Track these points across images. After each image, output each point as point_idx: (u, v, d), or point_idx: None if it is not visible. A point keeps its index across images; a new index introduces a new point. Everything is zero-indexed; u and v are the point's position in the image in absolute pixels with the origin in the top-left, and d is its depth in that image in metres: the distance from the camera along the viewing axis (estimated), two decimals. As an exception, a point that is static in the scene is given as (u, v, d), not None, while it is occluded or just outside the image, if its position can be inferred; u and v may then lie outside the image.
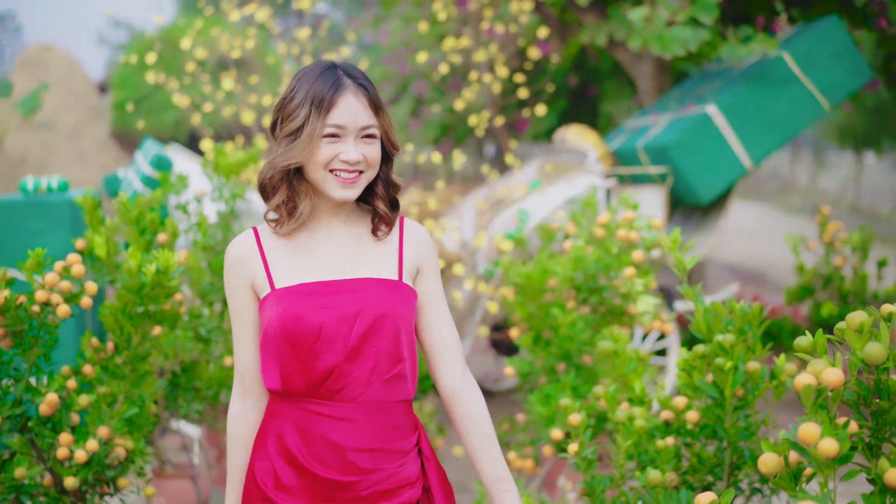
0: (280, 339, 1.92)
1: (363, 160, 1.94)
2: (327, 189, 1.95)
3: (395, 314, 1.94)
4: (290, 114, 1.94)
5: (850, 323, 1.61)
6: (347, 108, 1.92)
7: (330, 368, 1.91)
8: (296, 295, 1.94)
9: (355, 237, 2.03)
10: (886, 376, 1.59)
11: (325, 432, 1.93)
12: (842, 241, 5.67)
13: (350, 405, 1.92)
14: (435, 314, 2.08)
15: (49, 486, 2.80)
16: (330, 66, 1.97)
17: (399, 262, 2.03)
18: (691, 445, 2.65)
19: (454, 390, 2.05)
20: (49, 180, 5.09)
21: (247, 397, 2.06)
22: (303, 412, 1.95)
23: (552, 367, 3.65)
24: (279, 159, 1.95)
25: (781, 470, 1.55)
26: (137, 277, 2.87)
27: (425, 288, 2.07)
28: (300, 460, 1.94)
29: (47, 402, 2.67)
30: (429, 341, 2.08)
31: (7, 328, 2.72)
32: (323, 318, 1.91)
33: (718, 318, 2.67)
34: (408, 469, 2.00)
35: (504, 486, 2.03)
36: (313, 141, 1.91)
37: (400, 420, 1.99)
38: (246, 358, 2.05)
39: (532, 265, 3.86)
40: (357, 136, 1.94)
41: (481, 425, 2.04)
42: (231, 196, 4.45)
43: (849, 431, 1.52)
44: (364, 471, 1.94)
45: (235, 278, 2.02)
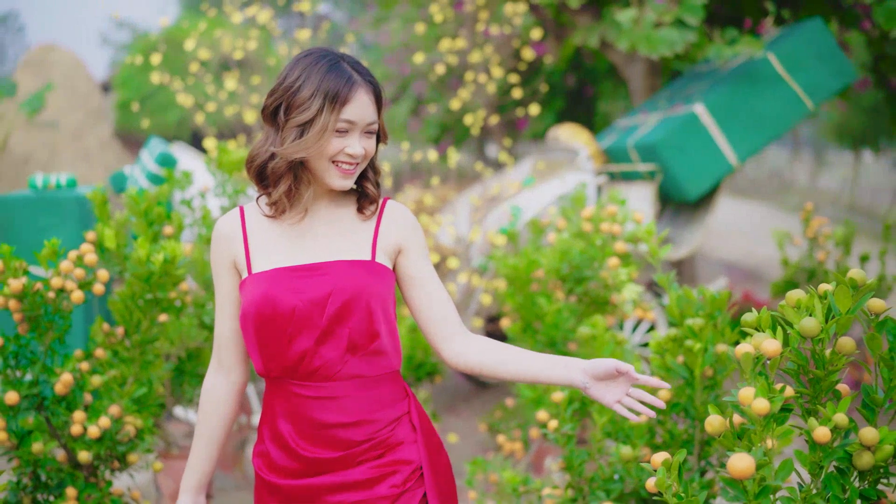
0: (256, 322, 1.96)
1: (364, 154, 1.99)
2: (328, 178, 1.98)
3: (368, 293, 1.95)
4: (301, 105, 1.94)
5: (790, 300, 1.79)
6: (359, 104, 1.95)
7: (303, 351, 1.94)
8: (269, 280, 1.97)
9: (338, 219, 2.06)
10: (821, 347, 1.77)
11: (309, 412, 1.97)
12: (825, 237, 5.85)
13: (330, 384, 1.95)
14: (427, 292, 2.08)
15: (63, 461, 2.99)
16: (337, 60, 1.98)
17: (373, 243, 2.04)
18: (664, 422, 2.83)
19: (461, 351, 2.04)
20: (58, 177, 5.28)
21: (220, 371, 2.12)
22: (289, 394, 1.99)
23: (539, 354, 3.83)
24: (290, 150, 1.95)
25: (725, 430, 1.74)
26: (146, 266, 3.06)
27: (413, 267, 2.08)
28: (290, 444, 1.98)
29: (62, 382, 2.85)
30: (425, 318, 2.08)
31: (24, 313, 2.91)
32: (295, 302, 1.94)
33: (690, 304, 2.86)
34: (398, 433, 2.02)
35: (561, 363, 1.97)
36: (325, 135, 1.93)
37: (386, 391, 2.01)
38: (224, 333, 2.10)
39: (519, 258, 4.05)
40: (362, 131, 1.98)
41: (502, 349, 2.03)
42: (234, 192, 4.64)
43: (785, 395, 1.70)
44: (353, 443, 1.97)
45: (218, 255, 2.08)
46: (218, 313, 2.11)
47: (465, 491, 4.57)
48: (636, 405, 1.92)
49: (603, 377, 1.92)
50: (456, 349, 2.06)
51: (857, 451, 1.68)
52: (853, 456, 1.69)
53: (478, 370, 2.05)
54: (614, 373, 1.91)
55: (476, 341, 2.07)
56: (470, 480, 3.59)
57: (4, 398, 2.80)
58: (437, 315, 2.07)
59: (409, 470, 2.00)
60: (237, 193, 4.67)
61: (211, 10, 7.45)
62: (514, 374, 2.03)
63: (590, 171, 6.12)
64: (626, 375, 1.91)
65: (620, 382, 1.93)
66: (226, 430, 2.15)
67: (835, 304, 1.75)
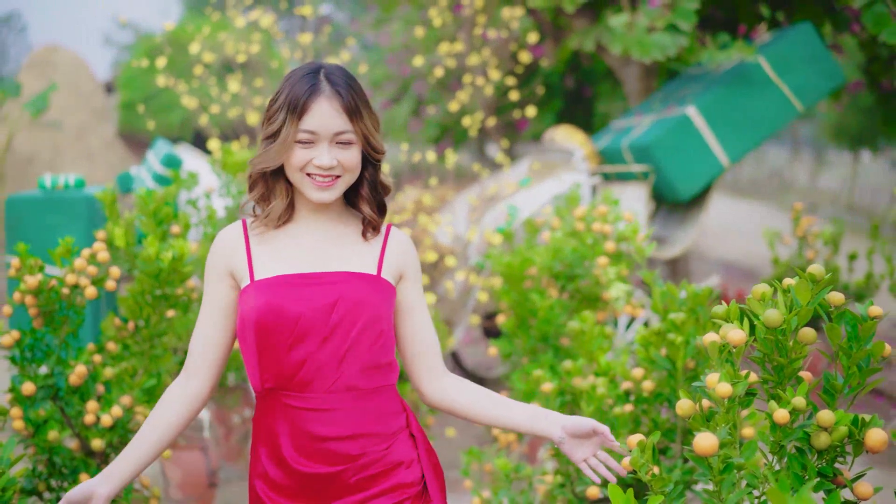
0: (257, 328, 1.93)
1: (338, 165, 1.94)
2: (304, 191, 1.97)
3: (372, 305, 1.95)
4: (271, 117, 1.97)
5: (755, 294, 1.93)
6: (319, 113, 1.92)
7: (302, 360, 1.92)
8: (274, 286, 1.95)
9: (341, 236, 2.05)
10: (784, 337, 1.91)
11: (304, 425, 1.94)
12: (814, 236, 5.99)
13: (325, 396, 1.93)
14: (418, 322, 2.10)
15: (76, 449, 3.14)
16: (313, 71, 1.97)
17: (380, 261, 2.04)
18: (648, 412, 2.98)
19: (442, 390, 2.09)
20: (66, 178, 5.43)
21: (183, 376, 2.06)
22: (284, 407, 1.95)
23: (533, 349, 3.99)
24: (255, 161, 1.99)
25: (695, 412, 1.88)
26: (155, 263, 3.21)
27: (408, 295, 2.09)
28: (287, 460, 1.95)
29: (77, 373, 3.00)
30: (410, 351, 2.10)
31: (40, 308, 3.06)
32: (301, 309, 1.92)
33: (673, 300, 3.00)
34: (397, 451, 2.00)
35: (541, 415, 2.02)
36: (286, 146, 1.93)
37: (382, 405, 1.99)
38: (199, 339, 2.05)
39: (514, 256, 4.20)
40: (331, 141, 1.94)
41: (481, 393, 2.07)
42: (238, 192, 4.79)
43: (749, 381, 1.84)
44: (348, 458, 1.94)
45: (216, 264, 2.04)
46: (200, 320, 2.07)
47: (460, 480, 4.72)
48: (600, 468, 1.99)
49: (579, 435, 1.98)
50: (437, 387, 2.10)
51: (814, 432, 1.83)
52: (811, 436, 1.83)
53: (457, 410, 2.08)
54: (590, 432, 1.98)
55: (459, 382, 2.10)
56: (466, 470, 3.73)
57: (21, 389, 2.95)
58: (423, 349, 2.10)
59: (414, 493, 2.00)
60: (241, 194, 4.82)
61: (214, 14, 7.59)
62: (493, 419, 2.06)
63: (585, 172, 6.26)
64: (601, 436, 1.98)
65: (593, 442, 2.00)
66: (170, 439, 2.04)
67: (796, 297, 1.89)
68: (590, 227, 4.07)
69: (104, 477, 1.95)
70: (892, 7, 5.81)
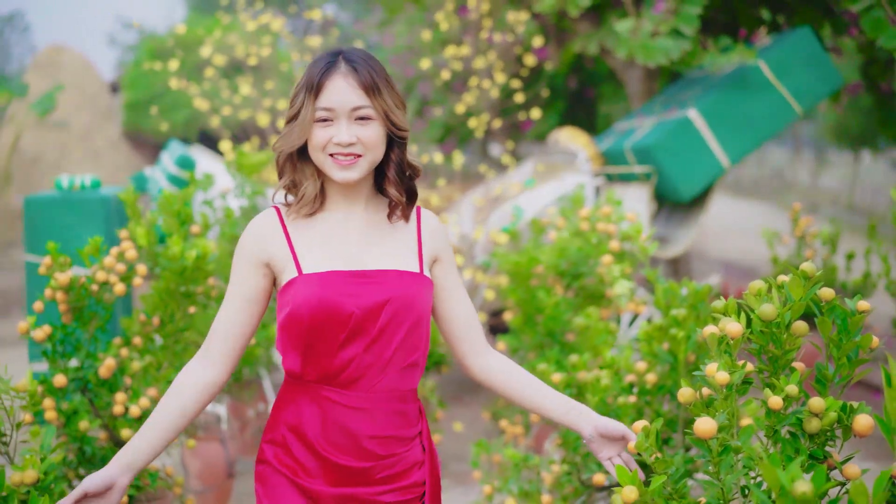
0: (307, 324, 1.91)
1: (358, 142, 1.92)
2: (327, 171, 1.95)
3: (419, 305, 1.97)
4: (292, 101, 1.98)
5: (751, 289, 2.07)
6: (336, 90, 1.91)
7: (351, 357, 1.92)
8: (326, 282, 1.92)
9: (374, 224, 2.03)
10: (778, 330, 2.05)
11: (341, 420, 1.95)
12: (812, 235, 6.12)
13: (366, 395, 1.95)
14: (457, 300, 2.12)
15: (104, 439, 3.29)
16: (332, 53, 1.96)
17: (419, 254, 2.04)
18: (651, 403, 3.12)
19: (484, 366, 2.13)
20: (82, 179, 5.57)
21: (203, 363, 2.01)
22: (320, 398, 1.96)
23: (539, 344, 4.13)
24: (278, 144, 1.99)
25: (695, 399, 2.02)
26: (180, 262, 3.35)
27: (445, 276, 2.11)
28: (315, 446, 1.96)
29: (106, 366, 3.15)
30: (453, 330, 2.12)
31: (70, 305, 3.21)
32: (353, 307, 1.91)
33: (675, 296, 3.15)
34: (414, 452, 2.05)
35: (576, 409, 2.08)
36: (305, 125, 1.92)
37: (409, 407, 2.03)
38: (224, 325, 2.00)
39: (521, 255, 4.35)
40: (349, 118, 1.92)
41: (523, 377, 2.12)
42: (252, 193, 4.94)
43: (746, 370, 1.98)
44: (378, 457, 1.97)
45: (249, 252, 2.00)
46: (226, 306, 2.02)
47: (469, 472, 4.86)
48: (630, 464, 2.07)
49: (607, 436, 2.05)
50: (481, 363, 2.13)
51: (806, 418, 1.97)
52: (804, 422, 1.97)
53: (497, 388, 2.13)
54: (620, 437, 2.05)
55: (502, 361, 2.14)
56: (475, 461, 3.87)
57: (53, 381, 3.10)
58: (465, 327, 2.12)
59: (421, 493, 2.06)
60: (255, 195, 4.97)
61: (225, 17, 7.73)
62: (528, 402, 2.10)
63: (588, 173, 6.41)
64: (625, 439, 2.06)
65: (617, 444, 2.07)
66: (182, 425, 1.98)
67: (789, 292, 2.03)
68: (594, 227, 4.21)
69: (122, 466, 1.91)
70: (890, 12, 5.95)
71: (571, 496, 3.15)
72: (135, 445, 1.94)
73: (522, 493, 3.29)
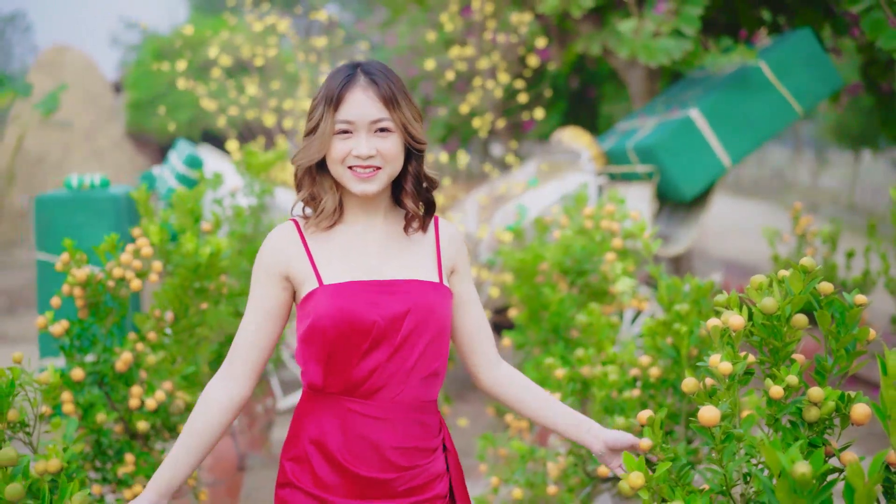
0: (329, 335, 1.91)
1: (377, 155, 1.94)
2: (346, 184, 1.96)
3: (439, 315, 1.98)
4: (310, 114, 1.98)
5: (753, 283, 2.15)
6: (355, 102, 1.92)
7: (374, 367, 1.92)
8: (348, 292, 1.93)
9: (393, 236, 2.04)
10: (779, 323, 2.13)
11: (364, 431, 1.94)
12: (813, 234, 6.19)
13: (388, 405, 1.94)
14: (471, 311, 2.14)
15: (120, 432, 3.36)
16: (350, 66, 1.98)
17: (438, 264, 2.05)
18: (655, 396, 3.19)
19: (496, 379, 2.15)
20: (92, 178, 5.65)
21: (227, 381, 2.02)
22: (342, 410, 1.96)
23: (544, 340, 4.21)
24: (297, 158, 1.99)
25: (699, 390, 2.10)
26: (194, 258, 3.43)
27: (461, 288, 2.12)
28: (338, 459, 1.95)
29: (122, 360, 3.23)
30: (467, 341, 2.14)
31: (87, 300, 3.28)
32: (375, 317, 1.91)
33: (678, 292, 3.22)
34: (436, 464, 2.04)
35: (586, 426, 2.09)
36: (325, 138, 1.93)
37: (430, 418, 2.03)
38: (246, 340, 2.01)
39: (526, 252, 4.42)
40: (369, 130, 1.93)
41: (533, 390, 2.14)
42: (261, 192, 5.02)
43: (748, 361, 2.06)
44: (401, 468, 1.97)
45: (269, 265, 2.00)
46: (246, 320, 2.03)
47: (475, 465, 4.94)
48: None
49: (617, 449, 2.07)
50: (493, 376, 2.15)
51: (806, 407, 2.04)
52: (803, 410, 2.05)
53: (508, 401, 2.15)
54: (628, 446, 2.07)
55: (513, 374, 2.17)
56: (481, 455, 3.95)
57: (71, 375, 3.17)
58: (478, 338, 2.15)
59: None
60: (264, 194, 5.05)
61: (231, 18, 7.81)
62: (538, 416, 2.13)
63: (591, 172, 6.49)
64: (634, 449, 2.08)
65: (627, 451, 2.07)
66: (212, 444, 2.02)
67: (790, 287, 2.11)
68: (598, 225, 4.29)
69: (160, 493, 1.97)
70: (889, 14, 6.02)
71: (577, 487, 3.23)
72: (167, 468, 1.98)
73: (528, 484, 3.37)
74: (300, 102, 7.31)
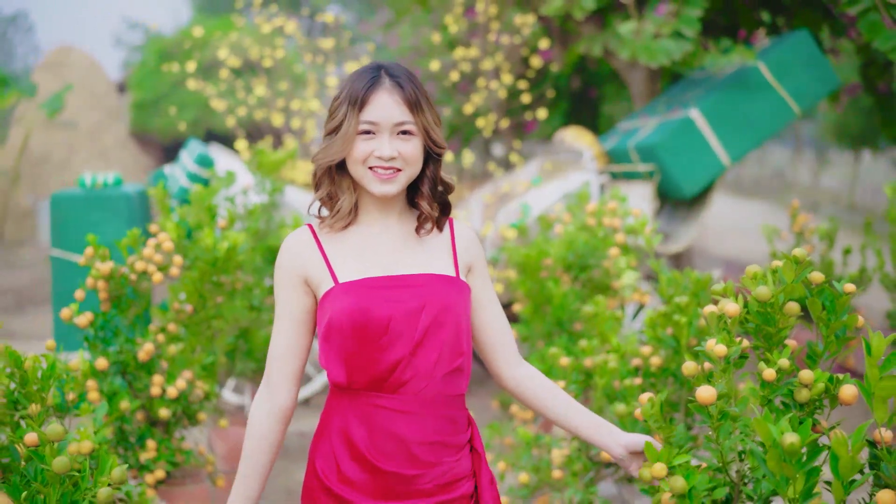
0: (347, 331, 1.93)
1: (399, 157, 1.96)
2: (366, 184, 1.98)
3: (456, 308, 1.99)
4: (332, 113, 1.99)
5: (748, 273, 2.28)
6: (380, 104, 1.94)
7: (396, 361, 1.93)
8: (362, 289, 1.95)
9: (408, 235, 2.06)
10: (772, 310, 2.26)
11: (389, 426, 1.95)
12: (810, 231, 6.33)
13: (413, 398, 1.95)
14: (490, 311, 2.15)
15: (141, 420, 3.50)
16: (373, 68, 2.00)
17: (454, 259, 2.07)
18: (655, 385, 3.33)
19: (518, 379, 2.15)
20: (105, 177, 5.79)
21: (269, 395, 2.04)
22: (367, 406, 1.96)
23: (549, 332, 4.34)
24: (319, 156, 2.00)
25: (698, 372, 2.23)
26: (212, 252, 3.57)
27: (478, 288, 2.13)
28: (365, 455, 1.95)
29: (145, 350, 3.37)
30: (487, 340, 2.15)
31: (110, 293, 3.42)
32: (391, 312, 1.93)
33: (678, 285, 3.36)
34: (463, 463, 2.03)
35: (605, 428, 2.10)
36: (348, 138, 1.95)
37: (457, 414, 2.03)
38: (278, 349, 2.04)
39: (531, 248, 4.56)
40: (392, 132, 1.96)
41: (554, 391, 2.15)
42: (272, 190, 5.16)
43: (742, 346, 2.19)
44: (427, 464, 1.97)
45: (289, 271, 2.03)
46: (275, 328, 2.06)
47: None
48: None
49: (636, 451, 2.08)
50: (515, 375, 2.16)
51: (797, 388, 2.18)
52: (794, 392, 2.18)
53: (529, 400, 2.16)
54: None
55: (535, 375, 2.17)
56: (487, 444, 4.08)
57: (96, 364, 3.31)
58: (498, 338, 2.15)
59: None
60: (275, 192, 5.19)
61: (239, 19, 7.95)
62: (559, 418, 2.13)
63: (593, 171, 6.62)
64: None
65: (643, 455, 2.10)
66: (273, 456, 2.07)
67: (783, 276, 2.24)
68: (600, 222, 4.43)
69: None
70: (886, 16, 6.15)
71: (581, 472, 3.36)
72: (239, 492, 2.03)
73: (534, 469, 3.51)
74: (307, 103, 7.45)
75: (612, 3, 7.75)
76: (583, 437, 2.12)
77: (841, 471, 1.66)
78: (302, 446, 5.23)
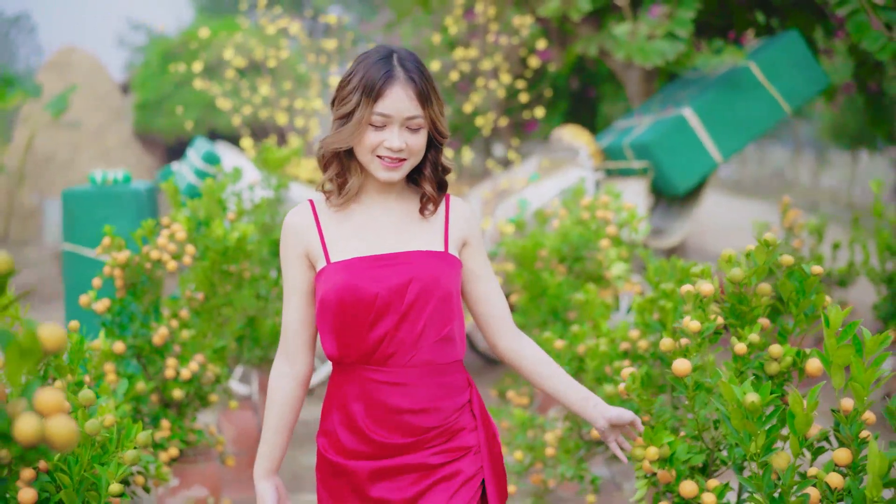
0: (336, 309, 2.01)
1: (406, 148, 2.01)
2: (372, 170, 2.04)
3: (443, 281, 2.04)
4: (344, 98, 2.03)
5: (723, 256, 2.47)
6: (394, 98, 1.98)
7: (381, 336, 2.00)
8: (351, 268, 2.02)
9: (405, 213, 2.12)
10: (746, 290, 2.45)
11: (382, 397, 2.03)
12: (800, 227, 6.51)
13: (403, 370, 2.02)
14: (485, 282, 2.20)
15: (156, 402, 3.68)
16: (386, 56, 2.02)
17: (445, 235, 2.12)
18: (642, 367, 3.50)
19: (514, 350, 2.20)
20: (115, 173, 5.97)
21: (286, 362, 2.15)
22: (362, 379, 2.04)
23: (544, 321, 4.53)
24: (329, 141, 2.05)
25: (675, 348, 2.41)
26: (223, 242, 3.75)
27: (473, 261, 2.18)
28: (362, 428, 2.04)
29: (159, 335, 3.55)
30: (482, 312, 2.20)
31: (125, 281, 3.61)
32: (377, 289, 1.99)
33: (664, 273, 3.54)
34: (463, 419, 2.11)
35: (592, 401, 2.18)
36: (360, 127, 1.99)
37: (452, 380, 2.09)
38: (290, 322, 2.13)
39: (527, 239, 4.75)
40: (402, 125, 2.00)
41: (548, 364, 2.21)
42: (277, 186, 5.34)
43: (717, 323, 2.37)
44: (423, 430, 2.04)
45: (291, 247, 2.11)
46: (285, 303, 2.15)
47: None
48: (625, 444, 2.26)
49: (618, 424, 2.19)
50: (511, 346, 2.21)
51: (767, 361, 2.36)
52: (765, 365, 2.36)
53: (524, 370, 2.22)
54: (628, 422, 2.19)
55: (532, 347, 2.23)
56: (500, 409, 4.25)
57: (113, 348, 3.49)
58: (494, 310, 2.21)
59: (472, 454, 2.11)
60: (280, 187, 5.37)
61: (244, 21, 8.14)
62: (551, 389, 2.21)
63: (589, 168, 6.81)
64: (633, 425, 2.22)
65: (623, 429, 2.24)
66: (293, 419, 2.17)
67: (755, 259, 2.43)
68: (594, 215, 4.61)
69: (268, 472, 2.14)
70: (873, 16, 6.33)
71: (573, 450, 3.55)
72: (264, 454, 2.15)
73: (529, 448, 3.69)
74: (310, 102, 7.63)
75: (608, 5, 7.94)
76: (571, 408, 2.21)
77: (797, 426, 1.84)
78: (308, 434, 5.41)
